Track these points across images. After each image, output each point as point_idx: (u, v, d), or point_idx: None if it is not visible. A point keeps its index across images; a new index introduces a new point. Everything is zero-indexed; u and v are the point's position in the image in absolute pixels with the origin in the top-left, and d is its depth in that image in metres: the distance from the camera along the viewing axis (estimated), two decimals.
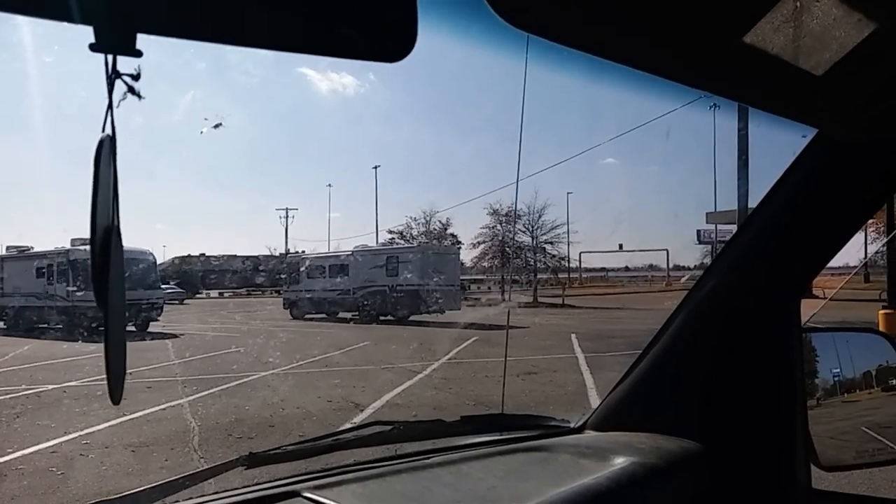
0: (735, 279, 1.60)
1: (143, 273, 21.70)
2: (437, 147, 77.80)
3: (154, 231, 74.18)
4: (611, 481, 1.35)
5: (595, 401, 7.94)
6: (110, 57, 0.54)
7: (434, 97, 79.65)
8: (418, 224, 43.82)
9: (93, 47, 0.52)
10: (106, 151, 0.56)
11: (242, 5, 0.55)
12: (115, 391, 0.60)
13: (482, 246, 41.14)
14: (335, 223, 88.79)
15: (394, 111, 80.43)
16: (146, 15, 0.53)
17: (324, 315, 24.78)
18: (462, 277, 31.96)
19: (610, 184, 61.58)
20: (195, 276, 45.19)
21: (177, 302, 34.23)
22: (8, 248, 24.87)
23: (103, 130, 0.57)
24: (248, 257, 48.31)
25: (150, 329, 19.82)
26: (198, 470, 1.40)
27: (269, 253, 51.98)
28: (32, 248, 24.09)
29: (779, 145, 1.79)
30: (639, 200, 67.56)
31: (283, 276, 29.01)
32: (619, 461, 1.45)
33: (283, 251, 47.93)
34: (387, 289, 23.90)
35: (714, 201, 36.58)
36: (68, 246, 21.95)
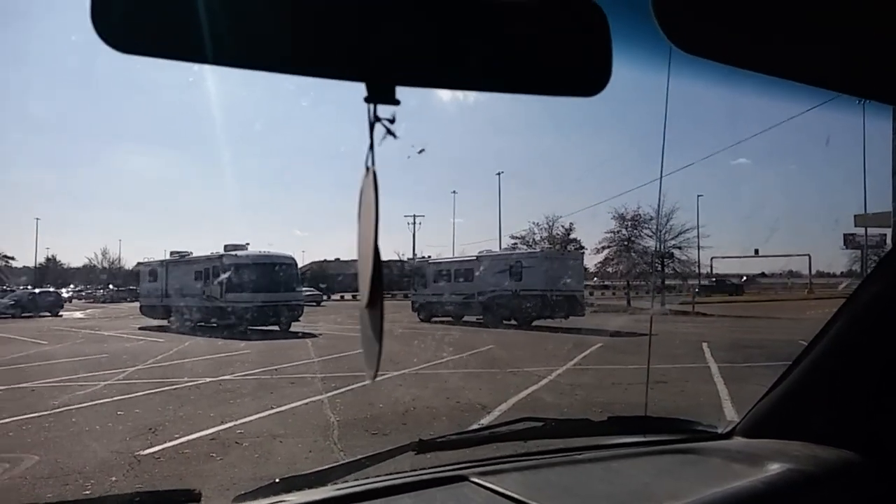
0: None
1: (287, 276, 22.98)
2: (559, 152, 76.85)
3: (294, 237, 79.46)
4: (767, 485, 1.34)
5: (730, 412, 7.56)
6: (371, 106, 0.68)
7: (555, 102, 78.62)
8: (541, 229, 43.49)
9: (367, 99, 0.67)
10: (370, 182, 0.70)
11: (472, 58, 0.70)
12: (376, 371, 0.73)
13: (606, 251, 40.14)
14: (459, 229, 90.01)
15: (515, 117, 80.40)
16: (404, 72, 0.68)
17: (450, 318, 25.18)
18: (585, 283, 31.29)
19: (744, 186, 57.67)
20: (330, 279, 47.45)
21: (314, 304, 35.96)
22: (171, 253, 26.99)
23: (366, 167, 0.70)
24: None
25: (291, 328, 20.95)
26: (375, 452, 1.58)
27: (397, 258, 53.70)
28: (192, 252, 25.98)
29: None
30: (777, 203, 62.74)
31: (411, 280, 29.78)
32: (774, 467, 1.42)
33: (411, 256, 49.32)
34: (510, 293, 23.84)
35: (864, 203, 33.03)
36: (222, 251, 23.63)
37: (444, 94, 67.66)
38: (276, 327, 20.85)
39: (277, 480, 1.40)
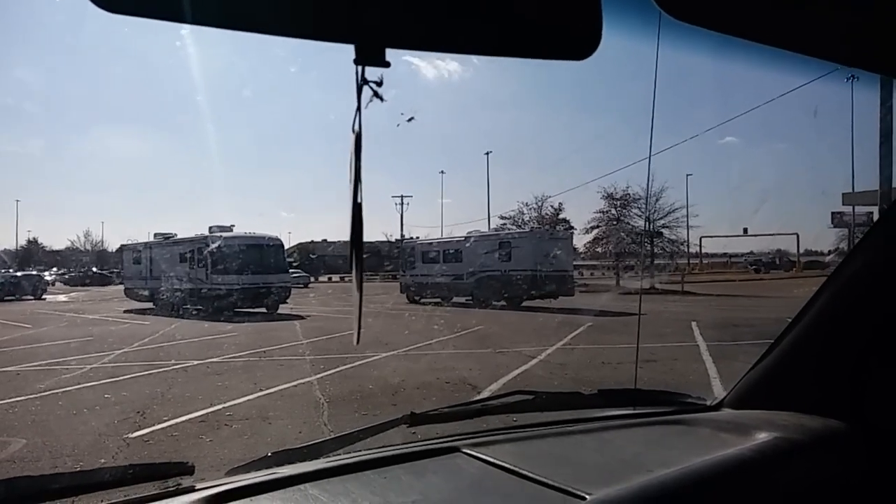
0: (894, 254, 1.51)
1: (273, 257, 22.86)
2: (547, 131, 76.79)
3: (280, 218, 79.26)
4: (755, 453, 1.36)
5: (719, 390, 7.62)
6: (360, 68, 0.66)
7: (541, 79, 78.45)
8: (530, 209, 43.47)
9: (356, 61, 0.65)
10: (355, 147, 0.69)
11: (462, 20, 0.67)
12: (359, 337, 0.71)
13: (595, 231, 40.27)
14: (447, 209, 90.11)
15: (501, 95, 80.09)
16: (394, 33, 0.66)
17: (438, 299, 25.22)
18: (575, 263, 31.41)
19: (733, 164, 57.98)
20: (317, 260, 47.37)
21: (301, 286, 35.88)
22: (156, 234, 26.83)
23: (353, 130, 0.68)
24: (367, 243, 50.04)
25: (279, 311, 20.89)
26: (368, 426, 1.58)
27: (385, 239, 53.62)
28: (176, 234, 25.81)
29: None
30: (765, 181, 63.16)
31: (398, 261, 29.76)
32: (762, 436, 1.44)
33: (399, 237, 49.23)
34: (499, 273, 23.91)
35: (852, 182, 33.35)
36: (206, 233, 23.42)
37: (430, 73, 67.41)
38: (263, 309, 20.82)
39: (270, 454, 1.40)
